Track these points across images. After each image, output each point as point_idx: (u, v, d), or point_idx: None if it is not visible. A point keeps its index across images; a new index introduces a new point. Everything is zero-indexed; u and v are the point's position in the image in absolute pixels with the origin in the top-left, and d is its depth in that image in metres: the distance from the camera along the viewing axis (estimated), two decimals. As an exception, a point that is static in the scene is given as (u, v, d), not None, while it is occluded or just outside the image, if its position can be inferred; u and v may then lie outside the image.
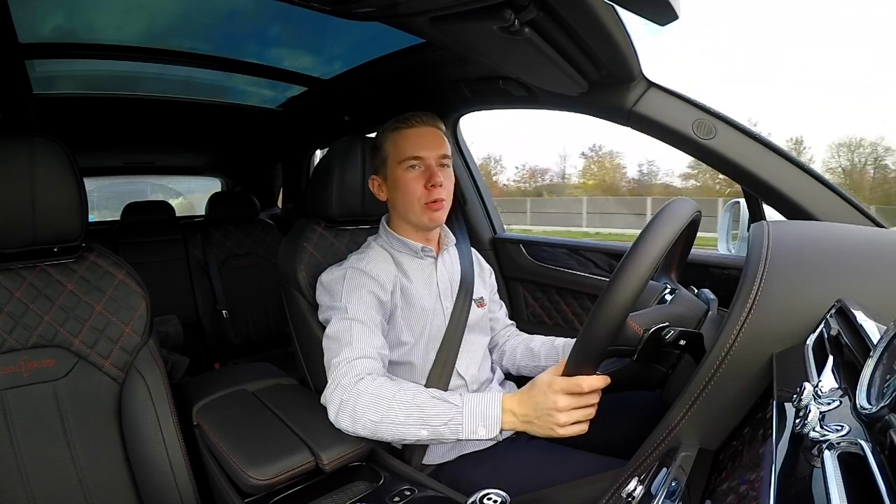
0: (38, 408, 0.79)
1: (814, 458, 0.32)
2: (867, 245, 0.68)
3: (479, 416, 0.72)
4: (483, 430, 0.72)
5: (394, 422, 0.74)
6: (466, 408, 0.73)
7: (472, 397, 0.74)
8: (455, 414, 0.72)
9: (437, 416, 0.73)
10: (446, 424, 0.72)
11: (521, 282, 1.48)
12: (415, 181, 0.92)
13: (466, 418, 0.72)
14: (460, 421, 0.72)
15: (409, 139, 0.92)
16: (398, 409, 0.74)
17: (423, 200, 0.92)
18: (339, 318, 0.85)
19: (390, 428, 0.74)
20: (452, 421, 0.72)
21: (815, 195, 0.89)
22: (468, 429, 0.72)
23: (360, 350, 0.80)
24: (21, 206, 0.78)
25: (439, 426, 0.73)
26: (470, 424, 0.72)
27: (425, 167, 0.92)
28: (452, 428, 0.72)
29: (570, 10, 0.68)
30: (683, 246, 0.86)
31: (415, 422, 0.73)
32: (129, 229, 2.16)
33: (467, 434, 0.72)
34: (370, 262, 0.92)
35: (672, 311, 0.76)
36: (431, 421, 0.73)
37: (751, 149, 0.92)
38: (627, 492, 0.49)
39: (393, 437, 0.75)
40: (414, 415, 0.73)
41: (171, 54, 1.33)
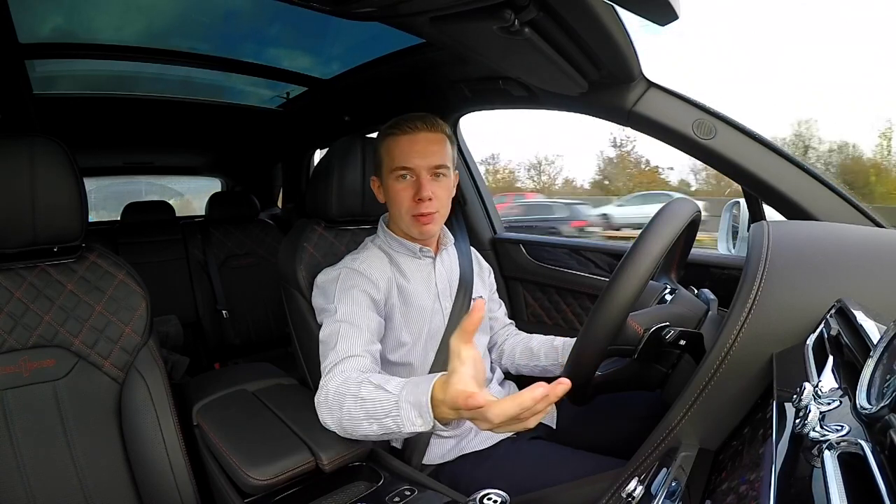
0: (38, 408, 0.79)
1: (814, 458, 0.32)
2: (867, 245, 0.68)
3: (414, 406, 0.64)
4: (419, 420, 0.63)
5: (350, 417, 0.70)
6: (402, 396, 0.65)
7: (409, 383, 0.67)
8: (393, 406, 0.66)
9: (380, 409, 0.67)
10: (388, 416, 0.66)
11: (521, 282, 1.48)
12: (404, 191, 0.90)
13: (403, 409, 0.64)
14: (398, 413, 0.65)
15: (401, 147, 0.89)
16: (351, 403, 0.70)
17: (410, 212, 0.90)
18: (330, 321, 0.84)
19: (351, 424, 0.70)
20: (392, 412, 0.65)
21: (815, 195, 0.89)
22: (407, 420, 0.64)
23: (344, 352, 0.79)
24: (21, 206, 0.78)
25: (383, 419, 0.66)
26: (407, 415, 0.64)
27: (415, 178, 0.89)
28: (395, 420, 0.65)
29: (570, 10, 0.68)
30: (683, 246, 0.86)
31: (363, 416, 0.68)
32: (129, 229, 2.16)
33: (408, 426, 0.64)
34: (364, 262, 0.91)
35: (672, 311, 0.76)
36: (376, 414, 0.67)
37: (751, 149, 0.92)
38: (627, 492, 0.49)
39: (359, 433, 0.71)
40: (361, 409, 0.69)
41: (170, 54, 1.33)
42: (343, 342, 0.80)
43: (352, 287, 0.87)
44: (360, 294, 0.86)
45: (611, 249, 1.32)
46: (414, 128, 0.89)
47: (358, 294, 0.86)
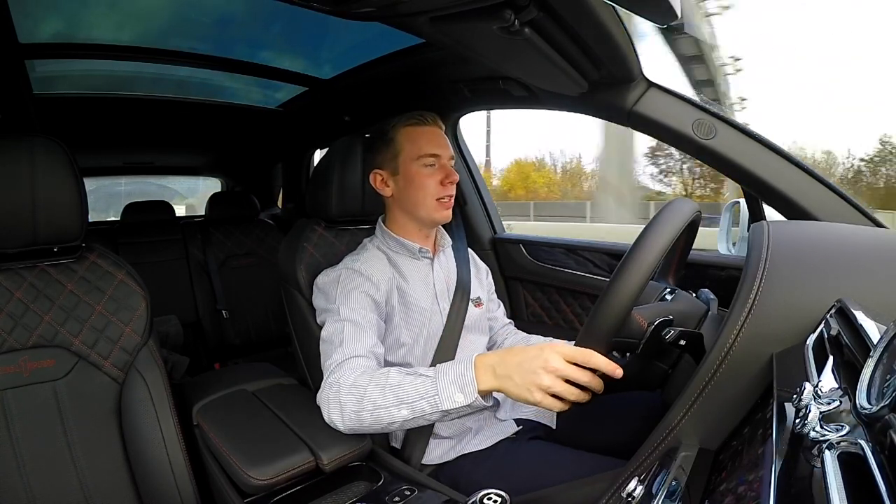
0: (38, 408, 0.79)
1: (814, 458, 0.32)
2: (867, 245, 0.68)
3: (455, 382, 0.68)
4: (461, 396, 0.67)
5: (374, 406, 0.71)
6: (440, 377, 0.70)
7: (445, 365, 0.72)
8: (430, 385, 0.69)
9: (413, 392, 0.70)
10: (424, 398, 0.69)
11: (521, 282, 1.48)
12: (431, 178, 0.94)
13: (441, 387, 0.69)
14: (436, 391, 0.69)
15: (426, 136, 0.95)
16: (375, 392, 0.72)
17: (435, 195, 0.94)
18: (333, 320, 0.85)
19: (373, 414, 0.71)
20: (428, 393, 0.69)
21: (815, 195, 0.89)
22: (446, 397, 0.68)
23: (350, 350, 0.80)
24: (21, 206, 0.78)
25: (417, 401, 0.69)
26: (446, 392, 0.68)
27: (440, 165, 0.95)
28: (431, 401, 0.69)
29: (570, 10, 0.68)
30: (683, 246, 0.86)
31: (392, 402, 0.70)
32: (129, 229, 2.16)
33: (446, 403, 0.68)
34: (365, 263, 0.92)
35: (675, 307, 0.76)
36: (408, 398, 0.70)
37: (751, 149, 0.92)
38: (627, 492, 0.49)
39: (380, 424, 0.73)
40: (390, 395, 0.71)
41: (171, 54, 1.33)
42: (349, 341, 0.81)
43: (353, 288, 0.88)
44: (361, 295, 0.87)
45: (611, 249, 1.32)
46: (433, 121, 0.97)
47: (359, 295, 0.87)
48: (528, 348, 0.68)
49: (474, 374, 0.68)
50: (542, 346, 0.67)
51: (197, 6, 1.16)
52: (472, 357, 0.70)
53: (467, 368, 0.69)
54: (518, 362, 0.66)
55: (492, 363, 0.68)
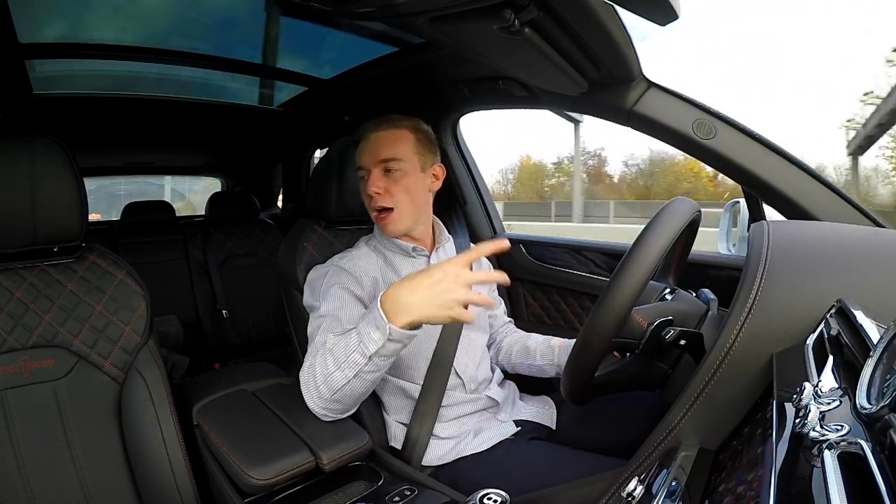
0: (38, 408, 0.79)
1: (814, 458, 0.32)
2: (867, 245, 0.68)
3: (368, 324, 0.70)
4: (377, 333, 0.68)
5: (324, 376, 0.73)
6: (360, 325, 0.72)
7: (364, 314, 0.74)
8: (353, 337, 0.71)
9: (344, 349, 0.72)
10: (354, 351, 0.71)
11: (521, 282, 1.48)
12: (364, 191, 0.94)
13: (363, 334, 0.70)
14: (359, 339, 0.70)
15: (361, 149, 0.93)
16: (320, 361, 0.74)
17: (371, 210, 0.94)
18: (314, 316, 0.87)
19: (327, 385, 0.73)
20: (352, 344, 0.71)
21: (815, 195, 0.89)
22: (369, 341, 0.69)
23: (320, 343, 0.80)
24: (21, 206, 0.78)
25: (350, 356, 0.71)
26: (367, 335, 0.69)
27: (368, 176, 0.91)
28: (359, 350, 0.70)
29: (570, 10, 0.68)
30: (683, 246, 0.86)
31: (334, 365, 0.72)
32: (129, 229, 2.16)
33: (371, 346, 0.69)
34: (352, 260, 0.93)
35: (675, 307, 0.76)
36: (341, 356, 0.72)
37: (751, 149, 0.92)
38: (627, 492, 0.49)
39: (335, 392, 0.73)
40: (330, 360, 0.73)
41: (171, 54, 1.33)
42: (321, 334, 0.81)
43: (335, 284, 0.89)
44: (341, 290, 0.88)
45: (611, 249, 1.32)
46: (365, 129, 0.93)
47: (339, 290, 0.88)
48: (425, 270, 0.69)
49: (380, 310, 0.69)
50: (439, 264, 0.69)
51: (197, 6, 1.16)
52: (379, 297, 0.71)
53: (375, 307, 0.70)
54: (427, 285, 0.67)
55: (395, 295, 0.69)
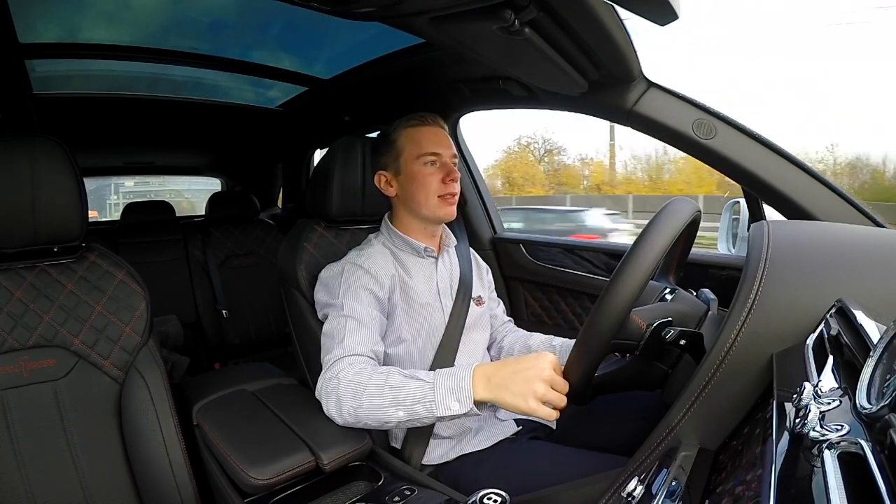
0: (38, 408, 0.79)
1: (814, 457, 0.32)
2: (867, 245, 0.68)
3: (451, 390, 0.70)
4: (456, 405, 0.69)
5: (372, 405, 0.73)
6: (438, 382, 0.71)
7: (444, 371, 0.73)
8: (427, 391, 0.71)
9: (410, 395, 0.71)
10: (420, 402, 0.70)
11: (521, 282, 1.48)
12: (432, 176, 0.95)
13: (438, 394, 0.70)
14: (433, 397, 0.70)
15: (427, 136, 0.95)
16: (373, 391, 0.73)
17: (437, 193, 0.95)
18: (336, 314, 0.86)
19: (370, 412, 0.73)
20: (425, 398, 0.70)
21: (815, 195, 0.89)
22: (441, 404, 0.69)
23: (351, 347, 0.80)
24: (21, 206, 0.78)
25: (414, 405, 0.71)
26: (443, 399, 0.69)
27: (441, 164, 0.95)
28: (427, 406, 0.70)
29: (570, 10, 0.68)
30: (683, 246, 0.86)
31: (390, 403, 0.72)
32: (130, 229, 2.16)
33: (441, 410, 0.69)
34: (369, 259, 0.93)
35: (675, 308, 0.76)
36: (405, 400, 0.71)
37: (751, 149, 0.92)
38: (627, 492, 0.49)
39: (376, 421, 0.74)
40: (388, 396, 0.72)
41: (171, 55, 1.33)
42: (351, 338, 0.81)
43: (356, 285, 0.88)
44: (363, 292, 0.88)
45: (611, 249, 1.32)
46: (434, 122, 0.98)
47: (362, 292, 0.88)
48: (522, 358, 0.70)
49: (472, 385, 0.69)
50: (536, 355, 0.70)
51: (197, 6, 1.16)
52: (472, 367, 0.71)
53: (465, 379, 0.70)
54: (513, 371, 0.69)
55: (488, 373, 0.70)
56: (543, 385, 0.67)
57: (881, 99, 23.44)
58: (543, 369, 0.67)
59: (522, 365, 0.69)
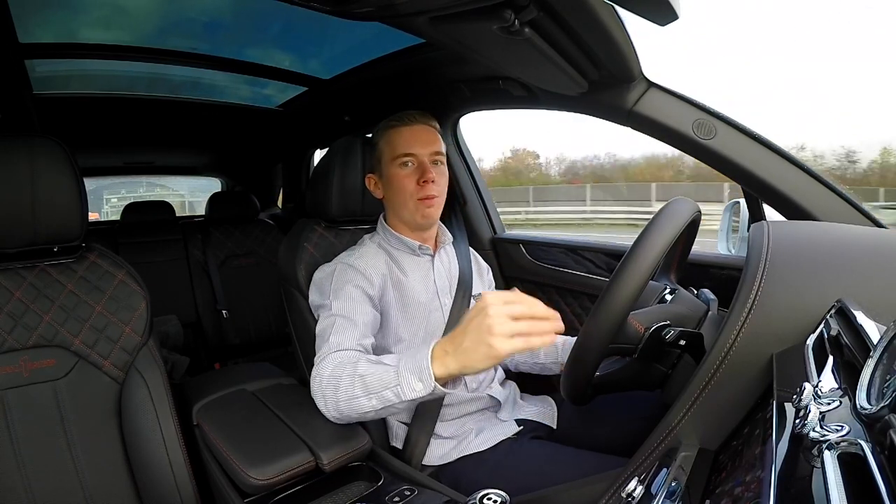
0: (38, 408, 0.79)
1: (814, 458, 0.32)
2: (867, 245, 0.68)
3: (413, 371, 0.67)
4: (420, 385, 0.66)
5: (348, 397, 0.71)
6: (401, 365, 0.68)
7: (405, 354, 0.70)
8: (392, 376, 0.68)
9: (377, 382, 0.69)
10: (388, 388, 0.68)
11: (521, 282, 1.48)
12: (407, 178, 0.93)
13: (402, 377, 0.67)
14: (398, 381, 0.68)
15: (402, 136, 0.94)
16: (347, 382, 0.72)
17: (415, 196, 0.93)
18: (325, 315, 0.86)
19: (349, 404, 0.72)
20: (391, 383, 0.68)
21: (815, 195, 0.89)
22: (406, 387, 0.67)
23: (336, 344, 0.80)
24: (21, 205, 0.78)
25: (382, 391, 0.69)
26: (407, 382, 0.67)
27: (418, 164, 0.93)
28: (394, 391, 0.68)
29: (570, 10, 0.68)
30: (683, 246, 0.86)
31: (362, 392, 0.70)
32: (130, 229, 2.16)
33: (409, 394, 0.67)
34: (360, 258, 0.93)
35: (673, 311, 0.76)
36: (374, 388, 0.69)
37: (751, 149, 0.92)
38: (627, 492, 0.49)
39: (355, 413, 0.72)
40: (359, 386, 0.71)
41: (171, 55, 1.33)
42: (336, 335, 0.81)
43: (346, 282, 0.88)
44: (353, 289, 0.88)
45: (611, 249, 1.32)
46: (413, 119, 0.95)
47: (352, 289, 0.87)
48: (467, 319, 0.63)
49: (430, 363, 0.65)
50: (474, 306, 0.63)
51: (198, 7, 1.16)
52: (431, 344, 0.67)
53: (424, 357, 0.66)
54: (463, 331, 0.63)
55: (445, 346, 0.65)
56: (498, 322, 0.58)
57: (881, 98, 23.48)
58: (487, 309, 0.59)
59: (471, 325, 0.61)
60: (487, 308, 0.59)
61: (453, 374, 0.65)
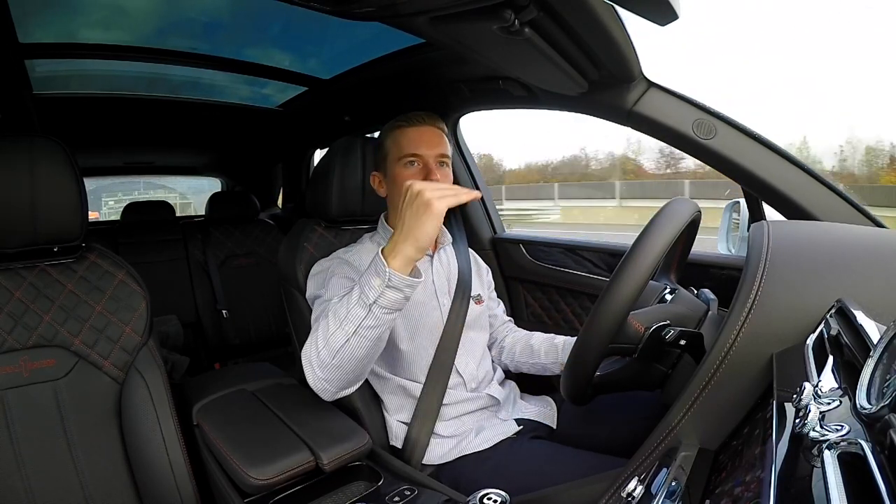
0: (38, 408, 0.79)
1: (814, 458, 0.32)
2: (867, 245, 0.68)
3: (370, 273, 0.70)
4: (377, 279, 0.69)
5: (325, 338, 0.72)
6: (360, 279, 0.72)
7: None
8: (355, 290, 0.71)
9: (346, 305, 0.71)
10: (355, 305, 0.70)
11: (521, 282, 1.48)
12: (412, 178, 0.92)
13: (364, 285, 0.70)
14: (360, 290, 0.70)
15: (408, 137, 0.94)
16: (322, 325, 0.73)
17: None
18: (319, 304, 0.87)
19: (327, 347, 0.72)
20: (354, 297, 0.71)
21: (815, 195, 0.89)
22: (367, 288, 0.69)
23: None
24: (21, 205, 0.78)
25: (350, 310, 0.71)
26: (368, 283, 0.70)
27: (423, 165, 0.93)
28: (360, 302, 0.70)
29: (570, 10, 0.68)
30: (683, 246, 0.86)
31: (335, 325, 0.71)
32: (130, 229, 2.16)
33: (368, 293, 0.69)
34: (356, 255, 0.94)
35: (673, 311, 0.76)
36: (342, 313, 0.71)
37: (751, 149, 0.92)
38: (627, 492, 0.48)
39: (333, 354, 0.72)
40: (332, 320, 0.72)
41: (171, 55, 1.33)
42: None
43: (340, 275, 0.89)
44: (344, 279, 0.88)
45: (611, 249, 1.32)
46: (421, 121, 0.95)
47: (342, 279, 0.88)
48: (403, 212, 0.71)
49: (381, 256, 0.69)
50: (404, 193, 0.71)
51: (197, 7, 1.16)
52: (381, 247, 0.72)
53: (377, 256, 0.70)
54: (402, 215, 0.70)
55: (392, 239, 0.70)
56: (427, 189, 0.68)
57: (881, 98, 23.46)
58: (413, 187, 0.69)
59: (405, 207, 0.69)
60: (412, 186, 0.69)
61: (410, 257, 0.69)
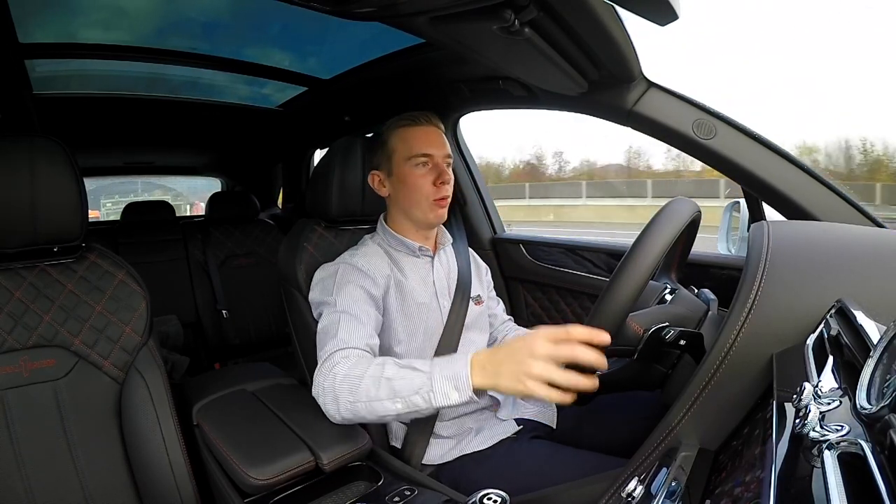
0: (38, 408, 0.79)
1: (814, 458, 0.32)
2: (867, 245, 0.68)
3: (449, 379, 0.67)
4: (455, 394, 0.66)
5: (369, 398, 0.70)
6: (436, 372, 0.68)
7: (441, 360, 0.71)
8: (424, 381, 0.68)
9: (408, 386, 0.69)
10: (417, 393, 0.68)
11: (521, 282, 1.48)
12: (423, 178, 0.93)
13: (437, 383, 0.67)
14: (431, 387, 0.67)
15: (418, 136, 0.94)
16: (369, 383, 0.71)
17: (430, 197, 0.93)
18: (329, 311, 0.85)
19: (367, 406, 0.71)
20: (423, 388, 0.68)
21: (815, 195, 0.89)
22: (440, 394, 0.67)
23: (345, 341, 0.79)
24: (21, 205, 0.78)
25: (411, 396, 0.68)
26: (441, 388, 0.67)
27: (434, 165, 0.94)
28: (425, 397, 0.68)
29: (570, 10, 0.68)
30: (683, 246, 0.86)
31: (387, 395, 0.69)
32: (130, 229, 2.16)
33: (440, 400, 0.67)
34: (363, 258, 0.93)
35: (672, 311, 0.76)
36: (402, 391, 0.69)
37: (751, 149, 0.92)
38: (627, 492, 0.48)
39: (373, 415, 0.72)
40: (384, 388, 0.70)
41: (171, 54, 1.33)
42: (344, 331, 0.80)
43: (349, 282, 0.88)
44: (358, 289, 0.87)
45: (611, 249, 1.32)
46: (427, 121, 0.95)
47: (356, 289, 0.87)
48: (515, 339, 0.65)
49: (469, 373, 0.66)
50: (530, 333, 0.64)
51: (197, 7, 1.16)
52: (469, 354, 0.68)
53: (463, 366, 0.67)
54: (506, 354, 0.65)
55: (482, 361, 0.67)
56: (540, 363, 0.60)
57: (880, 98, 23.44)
58: (535, 346, 0.61)
59: (515, 346, 0.64)
60: (536, 343, 0.61)
61: (483, 388, 0.66)
